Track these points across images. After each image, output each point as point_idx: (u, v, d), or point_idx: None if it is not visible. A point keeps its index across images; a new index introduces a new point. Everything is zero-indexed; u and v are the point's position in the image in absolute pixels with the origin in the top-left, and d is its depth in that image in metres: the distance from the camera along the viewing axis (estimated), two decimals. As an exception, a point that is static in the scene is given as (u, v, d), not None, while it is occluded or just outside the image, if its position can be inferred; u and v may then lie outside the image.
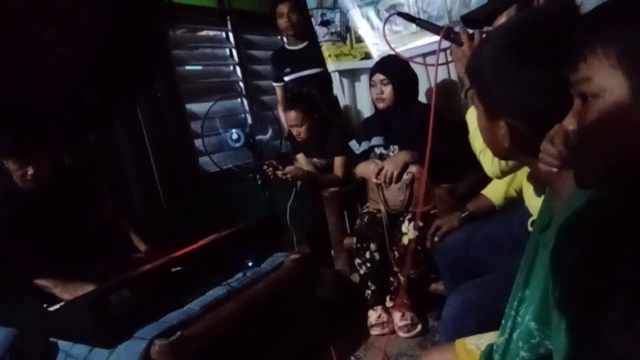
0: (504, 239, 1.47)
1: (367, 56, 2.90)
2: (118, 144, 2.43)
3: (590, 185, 0.59)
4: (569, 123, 0.58)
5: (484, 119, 0.80)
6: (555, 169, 0.64)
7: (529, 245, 0.80)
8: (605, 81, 0.53)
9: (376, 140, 2.24)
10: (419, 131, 2.00)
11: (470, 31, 1.27)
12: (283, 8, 2.85)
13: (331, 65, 2.91)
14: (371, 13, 2.82)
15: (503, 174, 1.22)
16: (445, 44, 1.34)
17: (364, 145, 2.28)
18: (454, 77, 2.36)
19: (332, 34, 3.04)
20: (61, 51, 0.33)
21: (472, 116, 1.28)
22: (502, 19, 1.22)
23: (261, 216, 2.13)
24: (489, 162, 1.21)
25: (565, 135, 0.59)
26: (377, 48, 2.78)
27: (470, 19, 1.36)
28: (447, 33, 1.28)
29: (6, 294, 1.69)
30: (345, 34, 3.00)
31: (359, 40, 2.95)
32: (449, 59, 1.49)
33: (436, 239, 1.70)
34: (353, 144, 2.36)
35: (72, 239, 1.80)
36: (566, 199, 0.68)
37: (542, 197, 0.86)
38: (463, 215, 1.72)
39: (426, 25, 1.39)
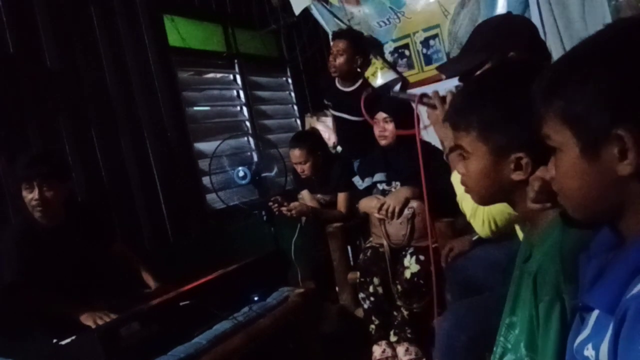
0: (508, 263, 1.52)
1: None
2: (129, 181, 2.51)
3: (572, 223, 0.66)
4: (550, 170, 0.65)
5: (486, 160, 0.83)
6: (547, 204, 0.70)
7: (514, 276, 0.85)
8: (559, 138, 0.60)
9: (379, 177, 2.30)
10: (417, 167, 2.06)
11: (442, 94, 1.30)
12: (334, 47, 2.74)
13: None
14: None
15: (493, 234, 1.25)
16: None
17: (367, 182, 2.34)
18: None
19: None
20: None
21: (457, 178, 1.32)
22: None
23: (266, 251, 2.18)
24: (479, 224, 1.24)
25: (548, 180, 0.66)
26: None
27: (447, 71, 1.43)
28: (420, 99, 1.31)
29: (17, 328, 1.73)
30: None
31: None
32: None
33: (449, 259, 1.79)
34: (356, 179, 2.42)
35: (84, 274, 1.85)
36: (543, 232, 0.74)
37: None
38: (473, 238, 1.79)
39: (400, 95, 1.43)
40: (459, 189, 1.30)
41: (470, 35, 1.41)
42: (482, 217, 1.22)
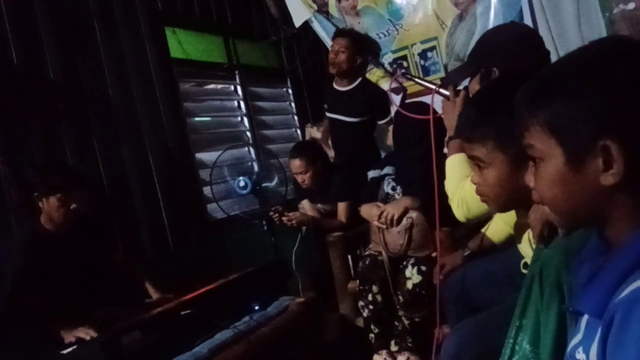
0: (503, 276, 1.53)
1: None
2: (130, 191, 2.53)
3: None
4: (529, 181, 0.66)
5: (504, 168, 0.86)
6: None
7: (526, 279, 0.87)
8: (543, 148, 0.61)
9: (387, 169, 2.31)
10: (423, 177, 2.08)
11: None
12: (336, 44, 2.75)
13: None
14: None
15: (467, 219, 1.32)
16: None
17: (376, 172, 2.35)
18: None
19: None
20: None
21: (449, 163, 1.38)
22: (472, 83, 1.39)
23: (267, 261, 2.19)
24: (455, 207, 1.31)
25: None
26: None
27: (447, 79, 1.52)
28: (437, 89, 1.43)
29: (19, 337, 1.74)
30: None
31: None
32: None
33: (441, 277, 1.77)
34: (370, 172, 2.44)
35: (87, 283, 1.86)
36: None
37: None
38: (465, 253, 1.80)
39: (418, 81, 1.55)
40: (448, 171, 1.36)
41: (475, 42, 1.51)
42: (457, 201, 1.29)
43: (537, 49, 1.40)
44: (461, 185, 1.26)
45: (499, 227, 1.70)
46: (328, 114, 2.98)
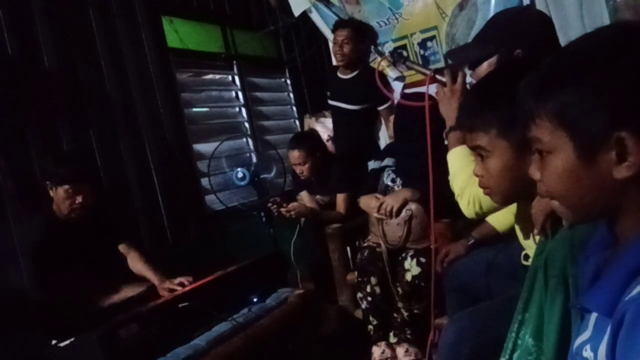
0: (504, 267, 1.52)
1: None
2: (127, 183, 2.51)
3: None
4: (534, 174, 0.64)
5: (508, 156, 0.85)
6: None
7: (529, 272, 0.86)
8: (553, 141, 0.58)
9: (388, 161, 2.30)
10: (423, 170, 2.06)
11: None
12: (339, 35, 2.77)
13: None
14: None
15: (477, 215, 1.28)
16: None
17: (376, 164, 2.34)
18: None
19: None
20: None
21: (453, 157, 1.31)
22: (484, 66, 1.30)
23: (266, 252, 2.18)
24: (465, 204, 1.26)
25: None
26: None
27: (455, 57, 1.43)
28: (433, 75, 1.33)
29: (16, 330, 1.74)
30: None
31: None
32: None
33: (444, 265, 1.77)
34: (371, 163, 2.42)
35: (93, 270, 1.88)
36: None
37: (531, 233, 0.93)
38: (469, 243, 1.79)
39: (415, 66, 1.47)
40: (452, 166, 1.30)
41: (485, 23, 1.41)
42: (467, 198, 1.23)
43: (556, 35, 1.33)
44: (473, 181, 1.18)
45: (504, 215, 1.68)
46: (330, 102, 2.97)
